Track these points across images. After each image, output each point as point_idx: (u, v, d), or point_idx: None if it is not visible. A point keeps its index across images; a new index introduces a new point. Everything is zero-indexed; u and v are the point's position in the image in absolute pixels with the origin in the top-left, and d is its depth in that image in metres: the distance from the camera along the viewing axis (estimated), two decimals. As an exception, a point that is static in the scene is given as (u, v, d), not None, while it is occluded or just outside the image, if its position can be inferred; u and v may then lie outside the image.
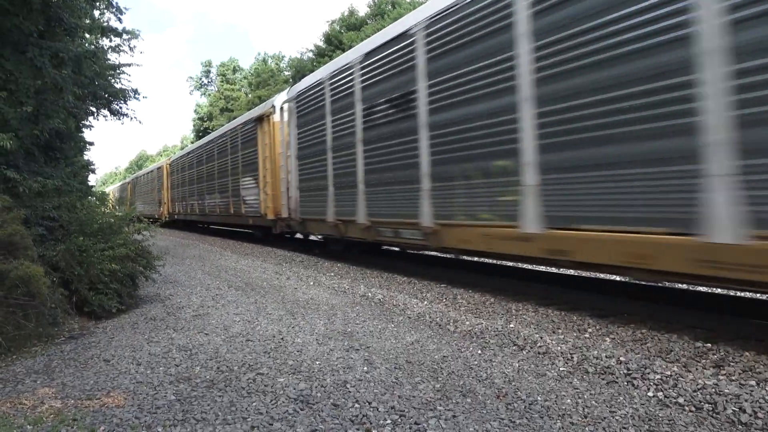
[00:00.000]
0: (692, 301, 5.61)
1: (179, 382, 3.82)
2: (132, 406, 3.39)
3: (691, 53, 3.92)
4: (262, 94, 48.43)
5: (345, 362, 4.17)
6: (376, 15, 39.65)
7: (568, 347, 4.32)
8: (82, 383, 3.87)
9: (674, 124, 4.04)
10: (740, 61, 3.66)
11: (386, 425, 3.02)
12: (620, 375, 3.74)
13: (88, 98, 10.06)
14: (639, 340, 4.52)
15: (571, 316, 5.42)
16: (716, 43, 3.77)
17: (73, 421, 3.18)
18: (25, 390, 3.76)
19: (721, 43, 3.74)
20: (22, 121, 6.16)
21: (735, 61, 3.68)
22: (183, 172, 24.32)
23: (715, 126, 3.78)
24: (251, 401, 3.41)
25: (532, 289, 6.67)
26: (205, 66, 61.68)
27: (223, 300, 6.94)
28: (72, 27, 7.04)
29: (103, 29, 9.24)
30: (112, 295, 6.17)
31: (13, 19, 6.02)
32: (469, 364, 4.08)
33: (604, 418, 3.07)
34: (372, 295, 6.93)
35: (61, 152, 9.23)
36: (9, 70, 6.01)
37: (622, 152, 4.41)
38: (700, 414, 3.12)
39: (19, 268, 4.77)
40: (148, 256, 7.31)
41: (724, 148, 3.74)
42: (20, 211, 5.44)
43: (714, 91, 3.79)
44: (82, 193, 8.19)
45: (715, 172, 3.79)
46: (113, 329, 5.56)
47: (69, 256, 5.94)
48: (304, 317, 5.80)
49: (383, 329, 5.24)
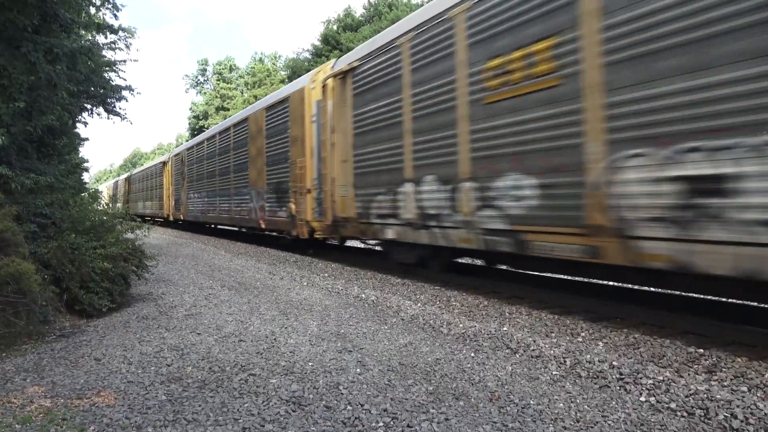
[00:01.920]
0: (686, 307, 5.63)
1: (171, 382, 3.79)
2: (122, 406, 3.36)
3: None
4: (258, 93, 48.34)
5: (338, 364, 4.15)
6: (372, 17, 39.66)
7: (561, 351, 4.32)
8: (72, 382, 3.84)
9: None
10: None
11: (378, 428, 3.01)
12: (613, 379, 3.74)
13: (83, 95, 10.01)
14: (632, 344, 4.53)
15: (565, 320, 5.43)
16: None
17: (62, 420, 3.15)
18: (15, 388, 3.72)
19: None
20: (15, 117, 6.11)
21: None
22: (194, 165, 20.79)
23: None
24: (243, 402, 3.39)
25: (525, 293, 6.68)
26: (201, 64, 61.42)
27: (216, 299, 6.90)
28: (68, 23, 6.99)
29: (98, 26, 9.18)
30: (103, 293, 6.13)
31: (7, 14, 5.97)
32: (462, 367, 4.08)
33: (597, 422, 3.07)
34: (366, 297, 6.91)
35: (54, 149, 9.18)
36: (2, 65, 5.96)
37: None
38: (692, 419, 3.12)
39: (10, 265, 4.73)
40: (140, 255, 7.27)
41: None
42: (12, 208, 5.40)
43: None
44: (75, 190, 8.13)
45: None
46: (105, 328, 5.52)
47: (61, 253, 5.89)
48: (298, 318, 5.78)
49: (376, 331, 5.22)
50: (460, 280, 7.76)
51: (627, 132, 4.63)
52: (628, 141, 4.62)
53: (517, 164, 5.83)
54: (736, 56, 3.85)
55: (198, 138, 21.90)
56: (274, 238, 14.41)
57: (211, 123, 48.48)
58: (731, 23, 3.88)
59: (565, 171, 5.27)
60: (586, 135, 5.01)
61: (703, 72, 4.06)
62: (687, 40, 4.17)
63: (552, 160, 5.41)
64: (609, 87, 4.76)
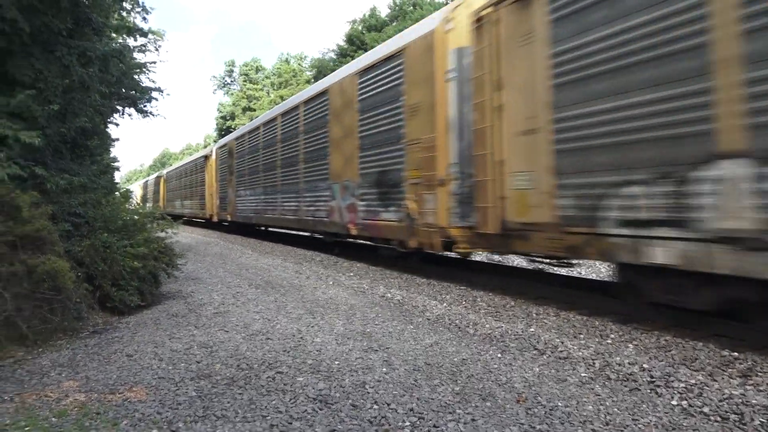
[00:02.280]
0: (718, 309, 5.48)
1: (200, 378, 3.86)
2: (154, 401, 3.43)
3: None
4: (284, 94, 48.80)
5: (364, 363, 4.17)
6: (397, 16, 39.69)
7: (589, 353, 4.26)
8: (105, 377, 3.93)
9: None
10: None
11: (405, 427, 3.01)
12: (643, 382, 3.67)
13: (114, 96, 10.24)
14: (663, 347, 4.45)
15: (593, 321, 5.35)
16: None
17: (96, 414, 3.23)
18: (51, 383, 3.83)
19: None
20: (50, 119, 6.28)
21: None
22: (245, 157, 17.35)
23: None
24: (271, 399, 3.43)
25: (553, 293, 6.60)
26: (228, 66, 62.30)
27: (244, 298, 6.99)
28: (99, 26, 7.16)
29: (129, 29, 9.39)
30: (133, 291, 6.26)
31: (42, 18, 6.15)
32: (489, 368, 4.05)
33: (627, 425, 3.02)
34: (391, 296, 6.92)
35: (86, 150, 9.40)
36: (38, 69, 6.14)
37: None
38: (726, 424, 3.05)
39: (46, 263, 4.87)
40: (170, 254, 7.40)
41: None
42: (48, 207, 5.55)
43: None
44: (107, 190, 8.32)
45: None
46: (136, 325, 5.64)
47: (93, 251, 6.04)
48: (324, 317, 5.82)
49: (402, 330, 5.22)
50: (486, 281, 7.68)
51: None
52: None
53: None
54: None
55: (251, 124, 18.25)
56: (318, 242, 12.68)
57: (238, 123, 49.08)
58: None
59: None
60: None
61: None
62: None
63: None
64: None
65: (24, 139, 5.60)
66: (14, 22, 5.51)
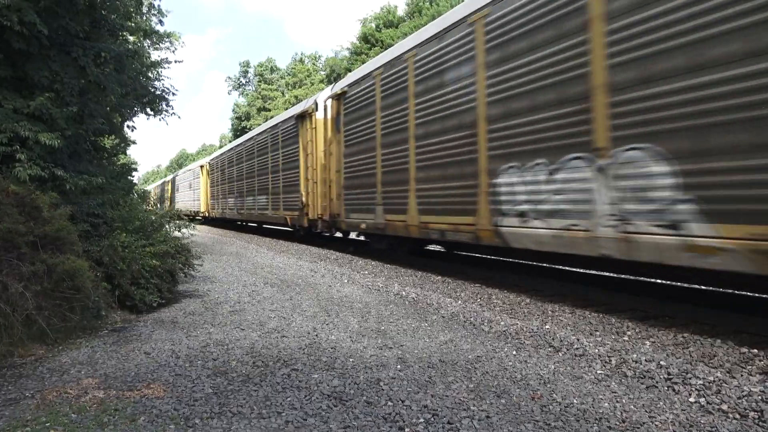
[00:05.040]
0: (737, 305, 5.42)
1: (216, 375, 3.89)
2: (171, 398, 3.47)
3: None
4: (299, 94, 48.98)
5: (378, 360, 4.18)
6: (413, 12, 39.59)
7: (606, 350, 4.23)
8: (123, 374, 3.98)
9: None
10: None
11: (419, 423, 3.01)
12: (660, 379, 3.63)
13: (129, 96, 10.35)
14: (680, 344, 4.39)
15: (610, 318, 5.30)
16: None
17: (114, 411, 3.28)
18: (70, 380, 3.89)
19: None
20: (68, 121, 6.38)
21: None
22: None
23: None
24: (286, 396, 3.45)
25: (569, 290, 6.55)
26: (243, 66, 62.73)
27: (259, 296, 7.04)
28: (116, 27, 7.24)
29: (145, 32, 9.50)
30: (152, 289, 6.34)
31: (60, 20, 6.24)
32: (504, 365, 4.04)
33: (643, 423, 2.99)
34: (406, 294, 6.92)
35: (104, 151, 9.52)
36: (55, 70, 6.23)
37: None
38: (745, 422, 3.00)
39: (66, 263, 4.94)
40: (186, 253, 7.48)
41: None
42: (67, 208, 5.63)
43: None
44: (124, 191, 8.42)
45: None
46: (154, 323, 5.71)
47: (112, 251, 6.13)
48: (338, 315, 5.84)
49: (417, 328, 5.23)
50: (501, 278, 7.66)
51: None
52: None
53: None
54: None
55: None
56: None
57: (253, 124, 49.41)
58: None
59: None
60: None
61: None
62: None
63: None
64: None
65: (44, 141, 5.70)
66: (33, 26, 5.61)
